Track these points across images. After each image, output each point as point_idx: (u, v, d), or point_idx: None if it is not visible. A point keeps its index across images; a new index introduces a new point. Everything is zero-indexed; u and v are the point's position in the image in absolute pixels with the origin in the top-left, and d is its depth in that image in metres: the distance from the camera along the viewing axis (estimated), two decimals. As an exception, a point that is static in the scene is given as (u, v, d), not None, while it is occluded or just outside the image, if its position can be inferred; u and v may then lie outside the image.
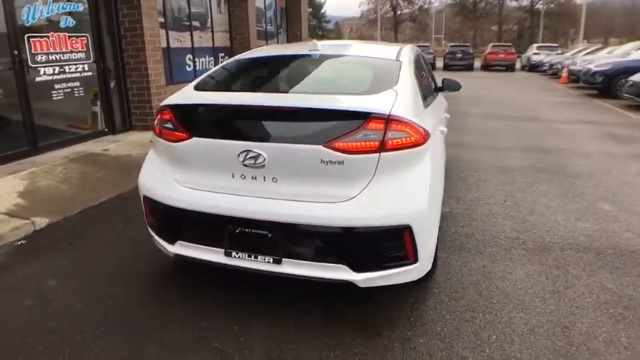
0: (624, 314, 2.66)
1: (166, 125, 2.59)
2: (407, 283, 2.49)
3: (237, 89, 3.01)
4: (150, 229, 2.87)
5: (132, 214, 4.20)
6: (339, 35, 55.05)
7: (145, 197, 2.73)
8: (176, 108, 2.59)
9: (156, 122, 2.71)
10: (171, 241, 2.65)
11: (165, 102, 2.68)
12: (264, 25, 12.54)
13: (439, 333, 2.48)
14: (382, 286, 2.47)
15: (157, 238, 2.79)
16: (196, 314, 2.65)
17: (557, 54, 24.08)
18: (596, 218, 4.06)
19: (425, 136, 2.33)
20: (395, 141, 2.23)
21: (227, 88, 3.04)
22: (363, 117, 2.22)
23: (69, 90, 6.21)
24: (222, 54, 10.40)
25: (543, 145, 6.91)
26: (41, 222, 3.97)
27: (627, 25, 44.38)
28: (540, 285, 2.97)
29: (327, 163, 2.21)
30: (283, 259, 2.34)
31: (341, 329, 2.50)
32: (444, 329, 2.51)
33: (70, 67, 6.18)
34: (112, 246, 3.60)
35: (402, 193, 2.27)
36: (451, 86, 4.17)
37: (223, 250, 2.45)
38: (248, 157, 2.30)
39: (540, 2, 52.05)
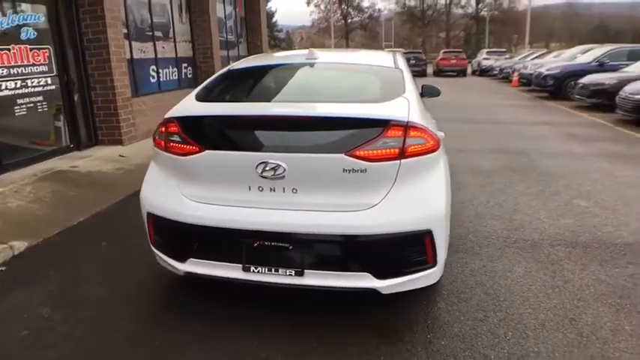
0: (622, 303, 2.81)
1: (173, 138, 2.49)
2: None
3: (245, 99, 2.93)
4: (153, 247, 2.75)
5: (116, 234, 4.04)
6: (289, 44, 55.39)
7: (150, 214, 2.62)
8: (184, 120, 2.50)
9: (158, 136, 2.61)
10: (182, 259, 2.55)
11: (171, 114, 2.59)
12: (225, 35, 12.39)
13: (457, 334, 2.53)
14: (394, 292, 2.48)
15: (162, 256, 2.68)
16: (210, 334, 2.56)
17: (506, 58, 25.28)
18: (576, 214, 4.28)
19: (438, 142, 2.39)
20: (414, 147, 2.26)
21: (234, 99, 2.97)
22: (383, 124, 2.24)
23: (31, 105, 5.88)
24: (185, 64, 10.20)
25: (510, 146, 7.21)
26: (20, 246, 3.72)
27: (567, 29, 47.23)
28: (540, 281, 3.09)
29: (349, 171, 2.21)
30: (305, 270, 2.31)
31: (362, 337, 2.49)
32: (461, 330, 2.56)
33: (32, 80, 5.85)
34: (101, 267, 3.43)
35: (422, 198, 2.31)
36: (431, 92, 4.26)
37: (241, 265, 2.39)
38: (267, 168, 2.26)
39: (485, 9, 54.61)
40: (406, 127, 2.25)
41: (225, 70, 3.27)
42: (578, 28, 51.06)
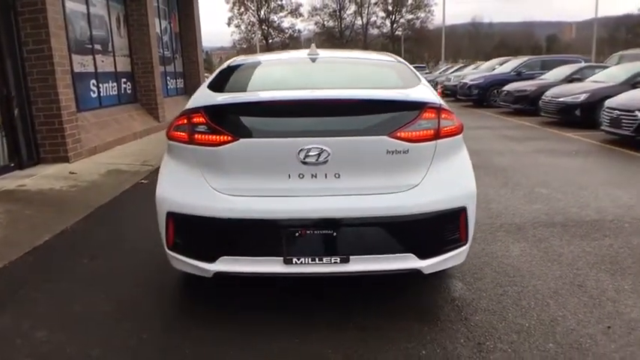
0: (613, 269, 3.11)
1: (199, 129, 2.38)
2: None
3: (269, 89, 2.74)
4: (172, 252, 2.56)
5: (95, 249, 3.73)
6: (210, 64, 54.80)
7: (171, 214, 2.46)
8: (212, 109, 2.39)
9: (178, 128, 2.46)
10: (211, 259, 2.40)
11: (194, 104, 2.46)
12: (161, 50, 12.00)
13: (487, 309, 2.64)
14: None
15: (185, 259, 2.50)
16: (243, 338, 2.44)
17: (427, 73, 26.92)
18: (543, 200, 4.66)
19: (462, 125, 2.52)
20: (446, 129, 2.37)
21: (259, 88, 2.85)
22: (420, 107, 2.33)
23: (-33, 121, 5.30)
24: (125, 79, 9.72)
25: (460, 147, 7.66)
26: (-13, 270, 3.31)
27: (472, 47, 51.47)
28: (538, 257, 3.32)
29: (392, 153, 2.26)
30: (350, 256, 2.30)
31: (402, 322, 2.51)
32: (489, 305, 2.68)
33: (-33, 93, 5.29)
34: (91, 283, 3.14)
35: (456, 177, 2.42)
36: None
37: (282, 258, 2.32)
38: (310, 154, 2.24)
39: (399, 29, 57.95)
40: (439, 109, 2.36)
41: (225, 65, 3.17)
42: (482, 46, 55.76)
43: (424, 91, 2.50)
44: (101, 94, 8.64)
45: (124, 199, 5.19)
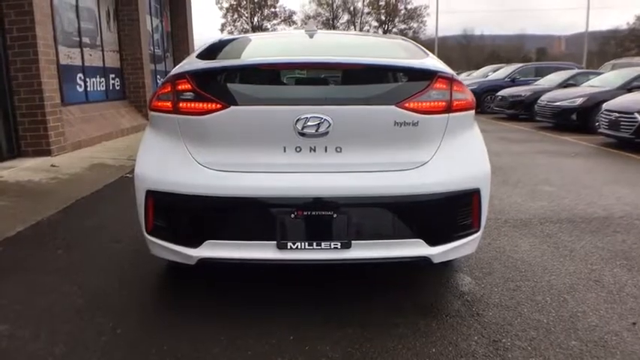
0: (629, 264, 2.90)
1: (185, 96, 2.11)
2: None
3: (266, 56, 2.46)
4: (150, 237, 2.28)
5: (70, 241, 3.45)
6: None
7: (150, 192, 2.18)
8: (199, 74, 2.13)
9: (161, 97, 2.20)
10: (195, 244, 2.14)
11: (179, 70, 2.21)
12: (152, 48, 11.75)
13: (500, 304, 2.41)
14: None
15: (165, 244, 2.23)
16: (232, 334, 2.19)
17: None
18: (547, 197, 4.46)
19: (474, 100, 2.30)
20: (458, 102, 2.15)
21: (254, 55, 2.59)
22: (431, 76, 2.10)
23: (-59, 107, 4.99)
24: (113, 75, 9.45)
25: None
26: (-48, 259, 3.01)
27: (464, 58, 51.82)
28: (549, 252, 3.11)
29: (400, 125, 2.03)
30: (352, 241, 2.06)
31: (406, 318, 2.27)
32: (501, 300, 2.45)
33: (-58, 79, 4.99)
34: (64, 275, 2.85)
35: (470, 155, 2.20)
36: None
37: (275, 242, 2.07)
38: (308, 124, 2.00)
39: (391, 39, 58.13)
40: (451, 80, 2.14)
41: (216, 39, 2.92)
42: (473, 57, 56.14)
43: (434, 62, 2.28)
44: (88, 89, 8.35)
45: (107, 192, 4.90)
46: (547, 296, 2.49)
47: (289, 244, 2.06)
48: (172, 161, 2.16)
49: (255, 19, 57.95)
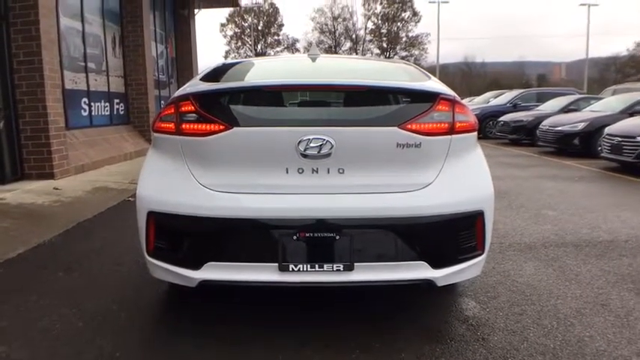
0: (637, 288, 2.86)
1: (188, 118, 2.13)
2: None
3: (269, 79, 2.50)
4: (151, 258, 2.27)
5: (72, 263, 3.42)
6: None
7: (152, 214, 2.18)
8: (203, 96, 2.15)
9: (165, 118, 2.21)
10: (196, 266, 2.12)
11: (183, 91, 2.23)
12: (156, 74, 11.93)
13: (506, 328, 2.36)
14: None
15: (166, 266, 2.22)
16: (236, 358, 2.15)
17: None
18: (551, 221, 4.43)
19: (477, 122, 2.31)
20: (461, 124, 2.16)
21: (257, 78, 2.62)
22: (433, 98, 2.12)
23: (-53, 130, 5.05)
24: (118, 100, 9.57)
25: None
26: (-48, 281, 2.99)
27: (465, 85, 52.43)
28: (553, 276, 3.07)
29: (403, 146, 2.03)
30: (355, 264, 2.04)
31: (409, 341, 2.22)
32: (507, 325, 2.40)
33: (-50, 102, 5.06)
34: (64, 297, 2.82)
35: (472, 177, 2.20)
36: None
37: (277, 264, 2.04)
38: (311, 145, 2.00)
39: (393, 66, 58.98)
40: (454, 102, 2.15)
41: (220, 63, 2.97)
42: (474, 84, 56.79)
43: (436, 84, 2.30)
44: (92, 113, 8.45)
45: (109, 215, 4.90)
46: (553, 320, 2.44)
47: (291, 266, 2.04)
48: (174, 182, 2.17)
49: (259, 46, 59.03)
